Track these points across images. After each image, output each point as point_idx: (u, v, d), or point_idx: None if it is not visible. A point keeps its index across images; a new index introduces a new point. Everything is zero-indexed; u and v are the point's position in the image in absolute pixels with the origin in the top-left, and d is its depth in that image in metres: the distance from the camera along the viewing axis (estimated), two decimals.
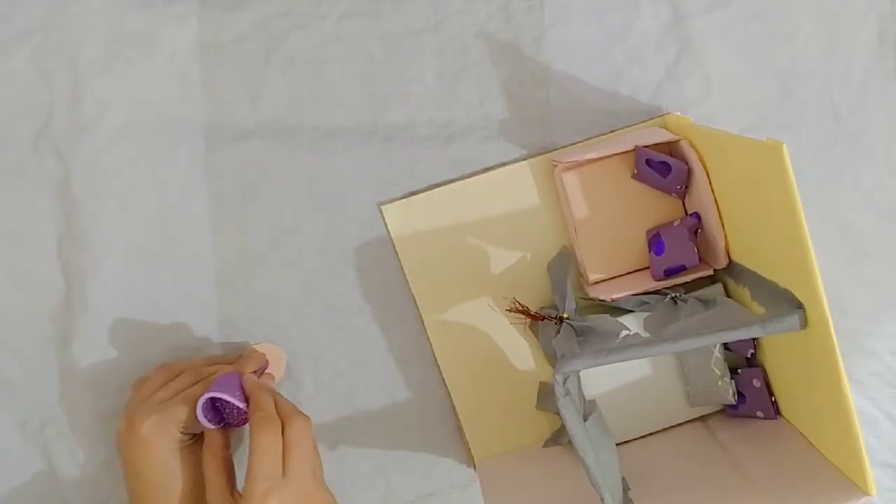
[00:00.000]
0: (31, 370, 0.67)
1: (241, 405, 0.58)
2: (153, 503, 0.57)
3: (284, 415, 0.57)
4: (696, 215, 0.61)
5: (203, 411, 0.57)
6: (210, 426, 0.58)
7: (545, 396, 0.66)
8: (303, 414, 0.58)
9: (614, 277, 0.65)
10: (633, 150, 0.63)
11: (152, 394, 0.60)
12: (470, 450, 0.68)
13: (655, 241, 0.63)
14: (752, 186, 0.53)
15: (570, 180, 0.63)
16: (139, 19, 0.66)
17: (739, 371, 0.64)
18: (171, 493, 0.57)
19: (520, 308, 0.64)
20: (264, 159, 0.67)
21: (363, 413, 0.69)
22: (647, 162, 0.62)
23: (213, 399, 0.58)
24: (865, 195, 0.69)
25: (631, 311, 0.63)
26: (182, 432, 0.58)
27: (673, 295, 0.61)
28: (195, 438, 0.60)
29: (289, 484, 0.54)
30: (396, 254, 0.67)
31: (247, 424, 0.58)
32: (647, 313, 0.62)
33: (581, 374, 0.61)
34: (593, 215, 0.64)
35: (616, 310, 0.63)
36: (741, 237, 0.58)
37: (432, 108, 0.67)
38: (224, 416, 0.59)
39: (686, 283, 0.62)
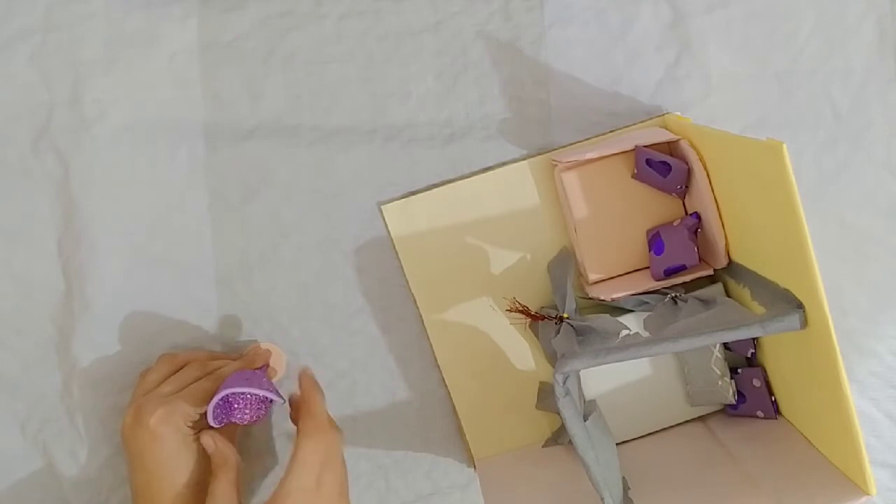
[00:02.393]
0: (32, 370, 0.67)
1: (278, 398, 0.59)
2: (159, 495, 0.57)
3: None
4: (696, 215, 0.61)
5: (215, 408, 0.57)
6: (214, 424, 0.58)
7: (545, 396, 0.66)
8: (338, 428, 0.58)
9: (614, 277, 0.65)
10: (633, 149, 0.63)
11: (156, 386, 0.60)
12: (470, 449, 0.68)
13: (655, 241, 0.63)
14: (752, 186, 0.53)
15: (570, 180, 0.63)
16: (139, 19, 0.66)
17: (739, 371, 0.64)
18: (178, 486, 0.57)
19: (520, 308, 0.64)
20: (264, 159, 0.67)
21: (363, 413, 0.69)
22: (648, 161, 0.62)
23: (226, 396, 0.58)
24: (865, 195, 0.68)
25: (631, 311, 0.63)
26: (189, 426, 0.58)
27: (673, 295, 0.61)
28: (198, 435, 0.60)
29: (320, 498, 0.54)
30: (396, 253, 0.67)
31: (250, 423, 0.59)
32: (647, 313, 0.62)
33: (581, 373, 0.61)
34: (593, 215, 0.64)
35: (616, 309, 0.63)
36: (741, 237, 0.58)
37: (432, 108, 0.67)
38: (232, 413, 0.59)
39: (686, 282, 0.62)
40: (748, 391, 0.63)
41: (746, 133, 0.53)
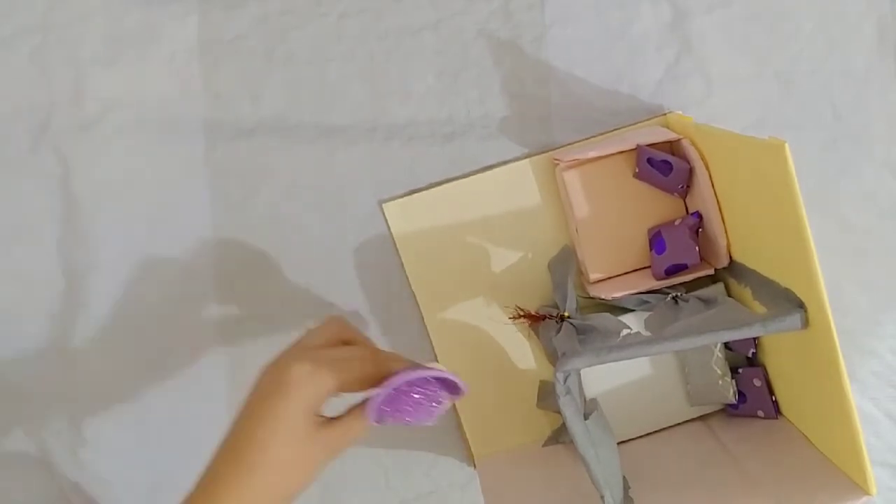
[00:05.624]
0: (31, 368, 0.67)
1: (462, 385, 0.52)
2: (250, 445, 0.49)
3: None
4: (698, 214, 0.61)
5: (383, 401, 0.50)
6: (372, 417, 0.50)
7: (546, 395, 0.65)
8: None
9: (615, 276, 0.65)
10: (635, 148, 0.63)
11: (317, 346, 0.52)
12: (470, 448, 0.68)
13: (657, 240, 0.63)
14: (753, 185, 0.53)
15: (572, 179, 0.63)
16: (140, 17, 0.66)
17: (740, 370, 0.64)
18: (273, 457, 0.48)
19: (521, 314, 0.63)
20: (265, 157, 0.67)
21: None
22: (649, 160, 0.62)
23: (401, 387, 0.50)
24: (866, 195, 0.69)
25: (632, 310, 0.63)
26: (321, 400, 0.50)
27: (674, 294, 0.61)
28: (324, 420, 0.51)
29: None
30: (397, 251, 0.67)
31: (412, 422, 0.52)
32: (648, 312, 0.62)
33: (582, 372, 0.61)
34: (594, 214, 0.64)
35: (617, 308, 0.63)
36: (743, 236, 0.58)
37: (433, 107, 0.67)
38: (399, 409, 0.51)
39: (687, 282, 0.62)
40: (749, 391, 0.63)
41: (747, 133, 0.53)
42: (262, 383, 0.51)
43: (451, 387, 0.54)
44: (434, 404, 0.53)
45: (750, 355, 0.64)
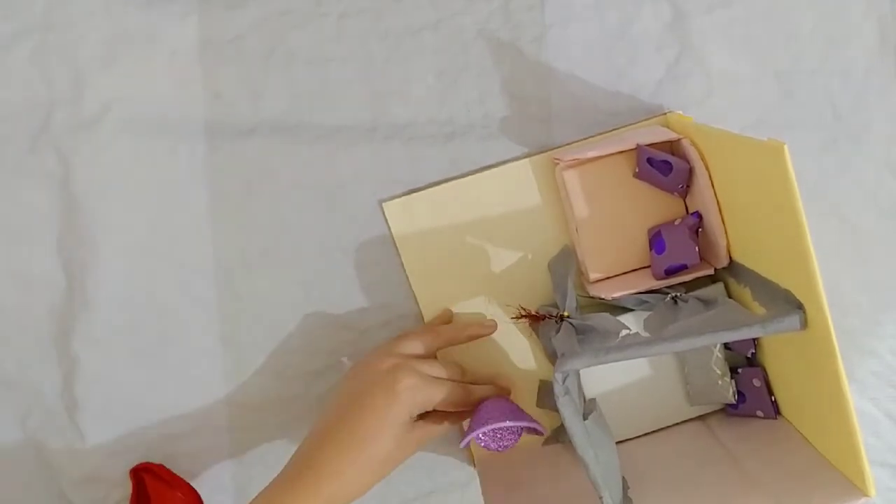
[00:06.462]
0: (32, 367, 0.67)
1: (541, 429, 0.60)
2: (352, 448, 0.56)
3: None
4: (698, 214, 0.61)
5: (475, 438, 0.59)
6: (462, 445, 0.59)
7: (546, 395, 0.65)
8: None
9: (615, 276, 0.65)
10: (635, 148, 0.63)
11: (414, 355, 0.61)
12: (470, 448, 0.68)
13: (656, 240, 0.63)
14: (753, 186, 0.53)
15: (572, 178, 0.63)
16: (140, 17, 0.66)
17: (739, 370, 0.64)
18: (375, 452, 0.56)
19: (523, 314, 0.63)
20: (265, 157, 0.67)
21: None
22: (649, 160, 0.62)
23: (490, 431, 0.59)
24: (866, 195, 0.69)
25: (631, 310, 0.63)
26: (418, 413, 0.59)
27: (673, 294, 0.61)
28: (413, 421, 0.59)
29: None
30: (397, 251, 0.67)
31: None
32: (648, 312, 0.62)
33: (581, 372, 0.61)
34: (594, 213, 0.64)
35: (616, 308, 0.63)
36: (742, 237, 0.58)
37: (433, 107, 0.67)
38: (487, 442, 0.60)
39: (687, 282, 0.62)
40: (748, 391, 0.63)
41: (746, 133, 0.53)
42: (367, 383, 0.58)
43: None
44: (513, 436, 0.61)
45: (749, 355, 0.64)
